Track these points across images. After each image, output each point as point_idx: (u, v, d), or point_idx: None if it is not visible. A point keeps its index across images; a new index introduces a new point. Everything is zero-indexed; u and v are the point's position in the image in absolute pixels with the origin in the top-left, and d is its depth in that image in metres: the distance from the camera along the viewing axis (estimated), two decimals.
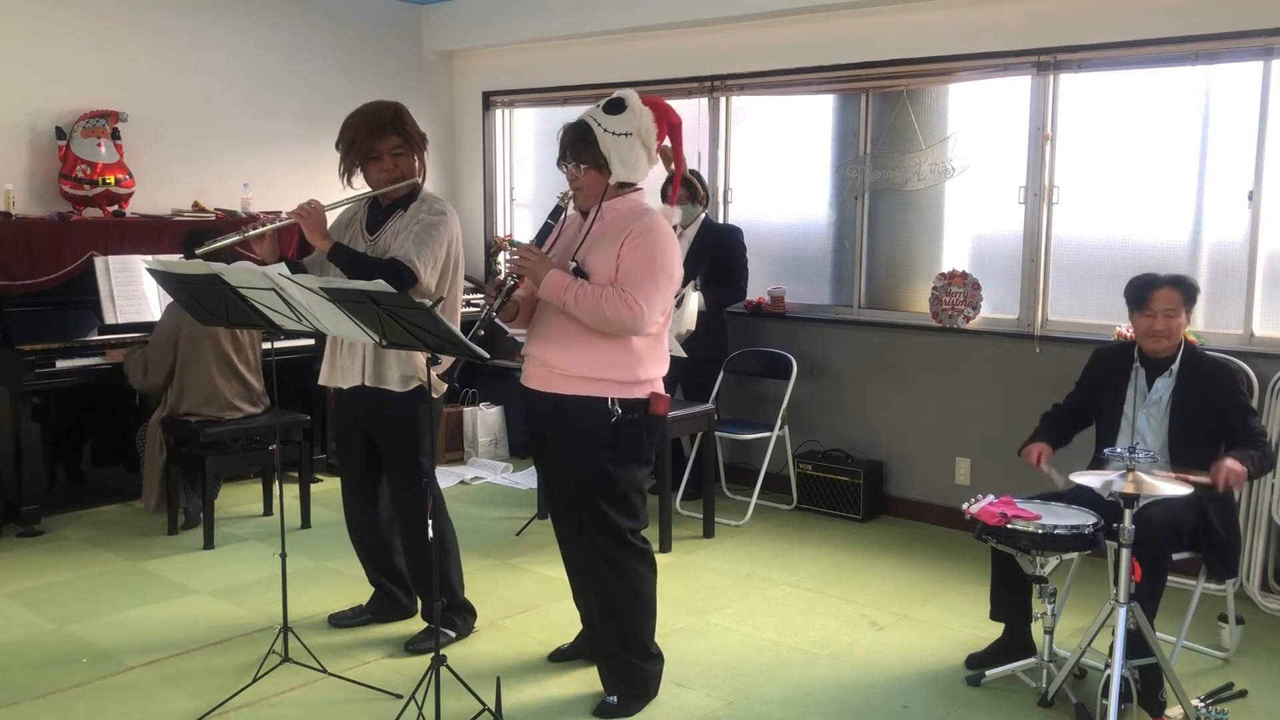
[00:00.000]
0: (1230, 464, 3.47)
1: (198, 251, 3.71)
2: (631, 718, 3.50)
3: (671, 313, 3.52)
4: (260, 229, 3.63)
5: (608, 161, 3.35)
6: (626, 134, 3.35)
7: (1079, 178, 5.16)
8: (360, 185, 3.83)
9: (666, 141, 3.55)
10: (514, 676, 3.74)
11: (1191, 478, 3.39)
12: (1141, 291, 3.78)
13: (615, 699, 3.52)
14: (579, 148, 3.38)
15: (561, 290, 3.29)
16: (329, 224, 3.73)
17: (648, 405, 3.43)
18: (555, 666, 3.84)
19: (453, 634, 4.00)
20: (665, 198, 5.82)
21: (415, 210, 3.80)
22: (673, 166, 5.70)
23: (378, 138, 3.74)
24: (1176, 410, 3.73)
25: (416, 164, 3.83)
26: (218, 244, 3.65)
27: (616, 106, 3.37)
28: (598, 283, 3.31)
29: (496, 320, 3.40)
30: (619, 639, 3.54)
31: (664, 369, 3.51)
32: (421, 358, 3.72)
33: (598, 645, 3.66)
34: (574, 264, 3.38)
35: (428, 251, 3.68)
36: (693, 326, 5.45)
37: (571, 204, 3.47)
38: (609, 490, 3.42)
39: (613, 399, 3.37)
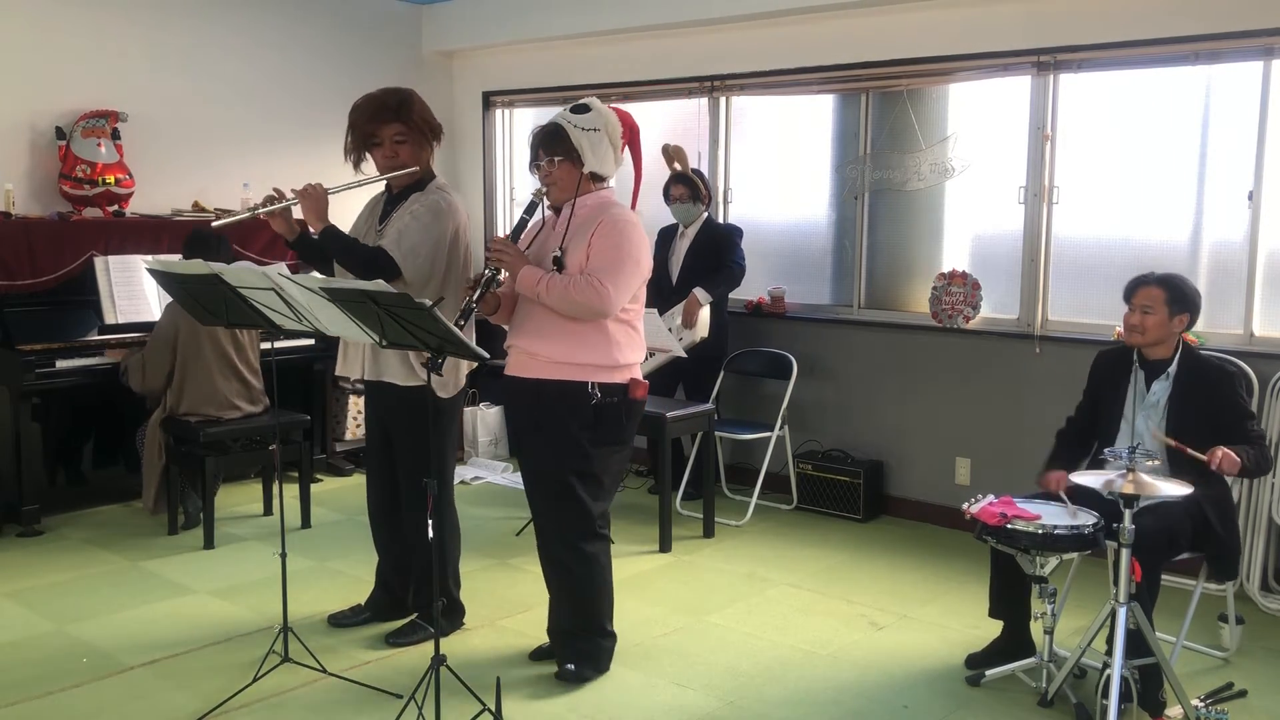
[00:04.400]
0: (1226, 449, 3.48)
1: (214, 225, 3.85)
2: (586, 683, 3.70)
3: (644, 299, 3.69)
4: (270, 207, 3.68)
5: (580, 153, 3.52)
6: (595, 129, 3.53)
7: (1079, 178, 5.15)
8: (369, 171, 3.85)
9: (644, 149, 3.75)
10: (514, 676, 3.74)
11: (1189, 451, 3.48)
12: (1130, 287, 3.82)
13: (573, 666, 3.72)
14: (552, 143, 3.55)
15: (534, 283, 3.47)
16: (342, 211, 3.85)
17: (627, 390, 3.60)
18: (554, 666, 3.84)
19: (432, 630, 3.99)
20: (666, 198, 5.84)
21: (413, 201, 3.81)
22: (675, 166, 5.77)
23: (378, 123, 3.77)
24: (1173, 413, 3.73)
25: (423, 153, 3.83)
26: (231, 219, 3.80)
27: (583, 108, 3.57)
28: (570, 274, 3.49)
29: (475, 311, 3.49)
30: (579, 619, 3.73)
31: (640, 355, 3.68)
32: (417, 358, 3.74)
33: (556, 623, 3.81)
34: (558, 253, 3.53)
35: (408, 243, 3.70)
36: (706, 334, 5.66)
37: (545, 201, 3.63)
38: (584, 469, 3.58)
39: (593, 383, 3.54)
